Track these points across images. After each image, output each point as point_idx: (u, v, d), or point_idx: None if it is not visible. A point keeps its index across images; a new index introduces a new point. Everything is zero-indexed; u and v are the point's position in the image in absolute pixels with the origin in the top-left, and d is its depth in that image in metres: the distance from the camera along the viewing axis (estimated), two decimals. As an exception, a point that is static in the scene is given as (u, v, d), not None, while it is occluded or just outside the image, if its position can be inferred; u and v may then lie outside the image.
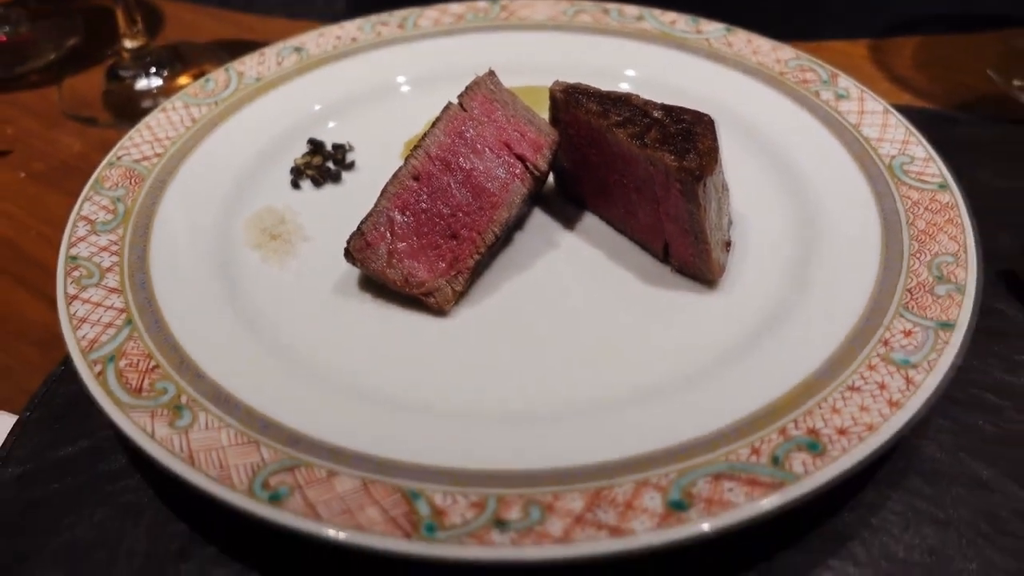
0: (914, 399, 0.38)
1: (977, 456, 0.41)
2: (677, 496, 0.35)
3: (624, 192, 0.49)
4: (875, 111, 0.55)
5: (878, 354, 0.40)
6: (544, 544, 0.33)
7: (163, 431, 0.38)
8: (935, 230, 0.46)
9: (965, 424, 0.42)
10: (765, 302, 0.46)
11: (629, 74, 0.61)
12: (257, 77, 0.61)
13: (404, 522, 0.34)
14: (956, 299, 0.42)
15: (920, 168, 0.50)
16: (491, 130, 0.49)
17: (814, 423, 0.37)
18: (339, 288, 0.48)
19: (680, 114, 0.48)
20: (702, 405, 0.39)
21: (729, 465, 0.36)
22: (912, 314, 0.42)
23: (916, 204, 0.48)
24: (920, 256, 0.45)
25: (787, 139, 0.55)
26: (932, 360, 0.39)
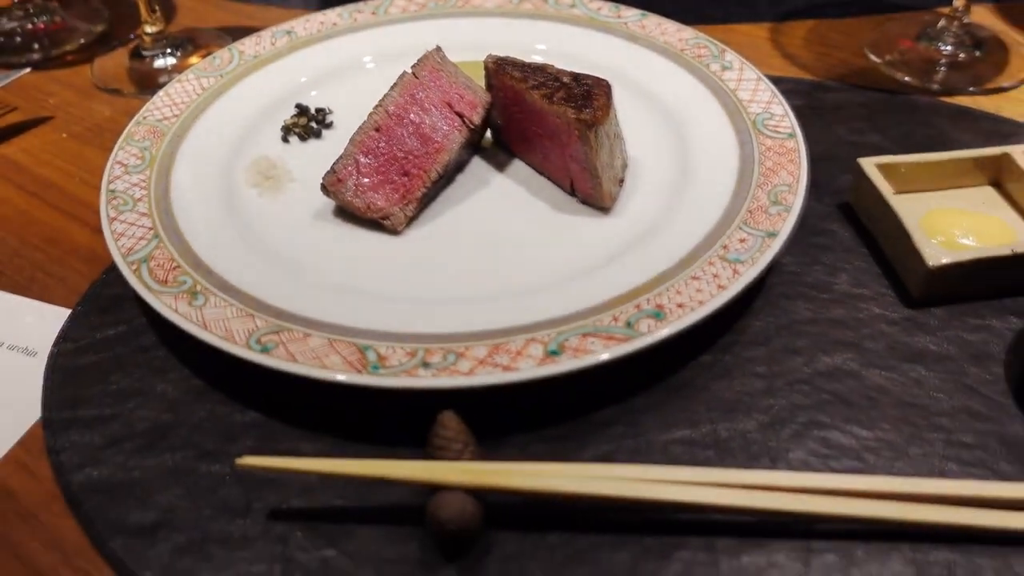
0: (736, 283, 0.51)
1: (795, 332, 0.54)
2: (554, 347, 0.49)
3: (540, 140, 0.63)
4: (750, 79, 0.68)
5: (718, 255, 0.54)
6: (455, 376, 0.47)
7: (184, 308, 0.51)
8: (779, 168, 0.60)
9: (788, 310, 0.56)
10: (644, 223, 0.59)
11: (558, 50, 0.75)
12: (255, 55, 0.75)
13: (357, 364, 0.48)
14: (783, 216, 0.56)
15: (776, 123, 0.64)
16: (436, 93, 0.63)
17: (661, 300, 0.51)
18: (317, 214, 0.62)
19: (584, 79, 0.61)
20: (585, 292, 0.53)
21: (595, 328, 0.50)
22: (748, 227, 0.55)
23: (769, 149, 0.62)
24: (764, 187, 0.58)
25: (679, 102, 0.68)
26: (755, 257, 0.53)
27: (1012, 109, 0.72)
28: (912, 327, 0.54)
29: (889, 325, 0.54)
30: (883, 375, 0.51)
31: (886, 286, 0.57)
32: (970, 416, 0.49)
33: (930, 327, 0.54)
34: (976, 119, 0.71)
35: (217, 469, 0.48)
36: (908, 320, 0.55)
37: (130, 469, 0.48)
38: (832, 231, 0.61)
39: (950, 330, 0.54)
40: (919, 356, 0.52)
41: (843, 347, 0.53)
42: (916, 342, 0.53)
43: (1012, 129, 0.70)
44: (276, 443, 0.49)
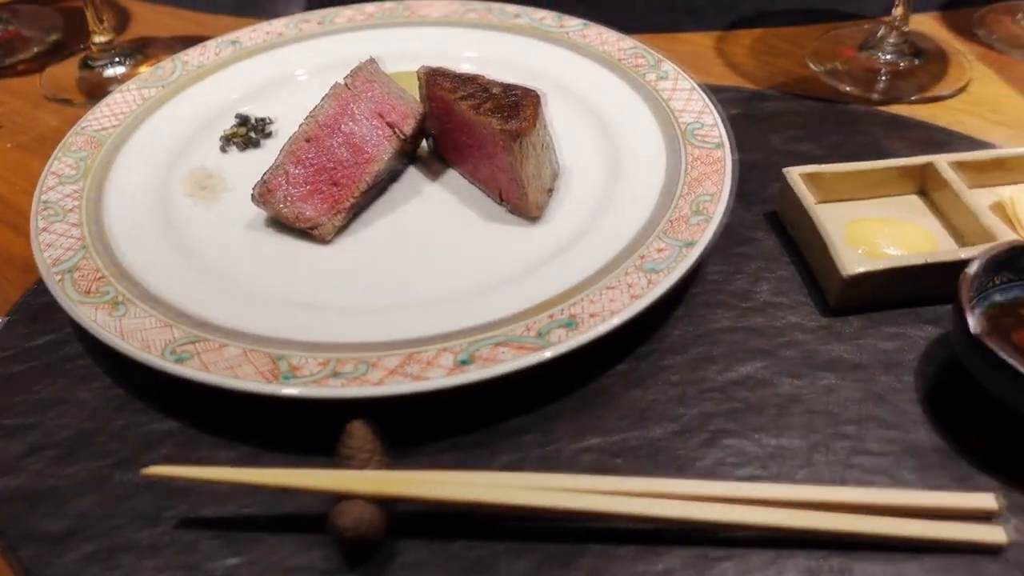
0: (650, 293, 0.52)
1: (712, 341, 0.55)
2: (465, 357, 0.49)
3: (471, 151, 0.63)
4: (684, 88, 0.69)
5: (635, 265, 0.54)
6: (364, 386, 0.48)
7: (104, 318, 0.52)
8: (703, 177, 0.60)
9: (708, 319, 0.56)
10: (569, 232, 0.60)
11: (500, 60, 0.75)
12: (199, 65, 0.75)
13: (269, 374, 0.49)
14: (703, 226, 0.56)
15: (706, 132, 0.64)
16: (368, 103, 0.63)
17: (574, 310, 0.52)
18: (250, 224, 0.62)
19: (513, 90, 0.62)
20: (504, 302, 0.53)
21: (507, 337, 0.50)
22: (668, 237, 0.56)
23: (696, 159, 0.62)
24: (688, 196, 0.59)
25: (613, 111, 0.69)
26: (671, 267, 0.54)
27: (947, 118, 0.73)
28: (828, 336, 0.55)
29: (805, 334, 0.55)
30: (795, 384, 0.52)
31: (806, 295, 0.57)
32: (877, 424, 0.50)
33: (845, 336, 0.55)
34: (910, 128, 0.72)
35: (132, 478, 0.49)
36: (824, 329, 0.55)
37: (47, 477, 0.49)
38: (758, 240, 0.62)
39: (865, 338, 0.54)
40: (832, 365, 0.53)
41: (758, 356, 0.54)
42: (830, 351, 0.54)
43: (944, 138, 0.70)
44: (193, 451, 0.50)
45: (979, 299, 0.52)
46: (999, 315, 0.52)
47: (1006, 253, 0.52)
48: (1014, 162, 0.63)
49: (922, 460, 0.48)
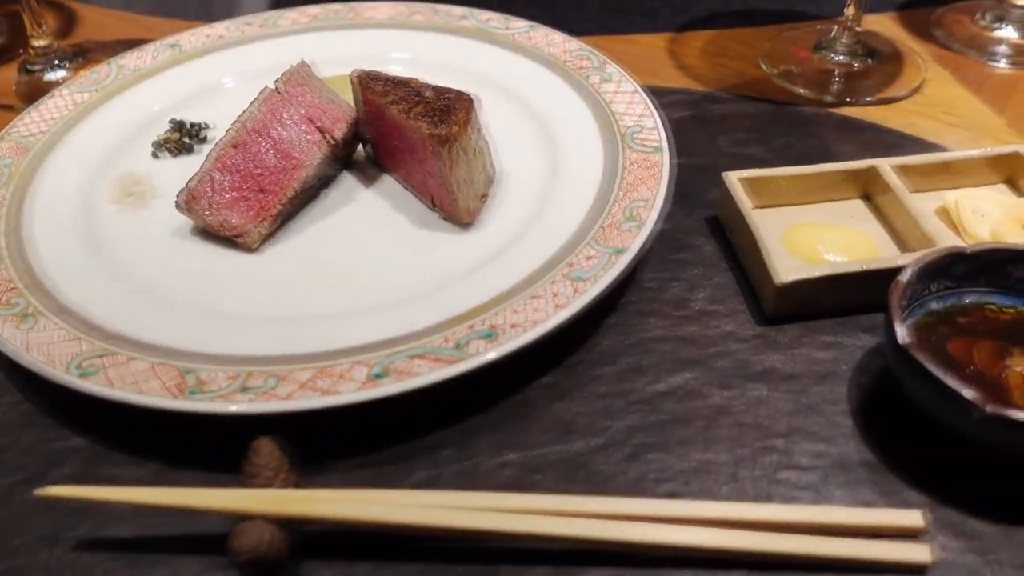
0: (575, 302, 0.50)
1: (643, 351, 0.53)
2: (379, 370, 0.47)
3: (404, 156, 0.62)
4: (627, 91, 0.67)
5: (562, 273, 0.53)
6: (272, 401, 0.46)
7: (10, 331, 0.50)
8: (639, 182, 0.59)
9: (640, 328, 0.55)
10: (501, 240, 0.58)
11: (443, 62, 0.74)
12: (135, 68, 0.74)
13: (175, 389, 0.47)
14: (634, 232, 0.55)
15: (646, 136, 0.63)
16: (298, 108, 0.62)
17: (496, 321, 0.50)
18: (176, 232, 0.60)
19: (446, 94, 0.60)
20: (426, 312, 0.52)
21: (424, 349, 0.49)
22: (599, 244, 0.54)
23: (633, 163, 0.61)
24: (622, 202, 0.58)
25: (555, 114, 0.67)
26: (599, 275, 0.52)
27: (900, 120, 0.72)
28: (762, 345, 0.53)
29: (739, 343, 0.53)
30: (725, 395, 0.50)
31: (742, 303, 0.56)
32: (807, 437, 0.48)
33: (780, 345, 0.53)
34: (861, 130, 0.70)
35: (33, 497, 0.47)
36: (759, 338, 0.54)
37: (-52, 497, 0.47)
38: (698, 246, 0.60)
39: (800, 348, 0.53)
40: (764, 375, 0.51)
41: (689, 366, 0.52)
42: (764, 360, 0.52)
43: (895, 140, 0.69)
44: (100, 469, 0.48)
45: (915, 307, 0.50)
46: (935, 323, 0.50)
47: (941, 260, 0.50)
48: (960, 165, 0.61)
49: (851, 475, 0.46)
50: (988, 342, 0.49)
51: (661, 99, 0.73)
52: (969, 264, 0.51)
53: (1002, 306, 0.51)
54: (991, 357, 0.48)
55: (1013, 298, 0.51)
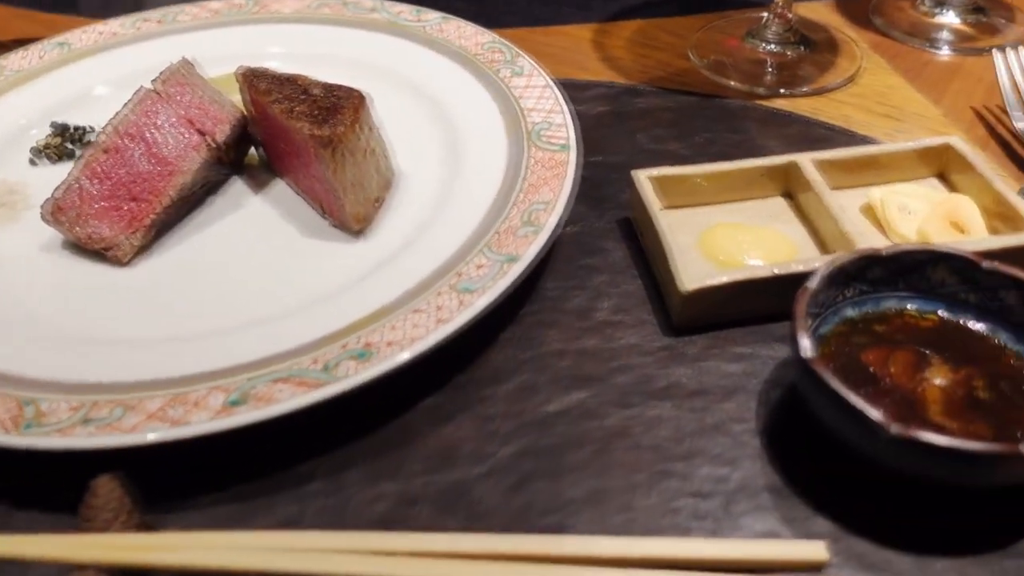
0: (458, 317, 0.46)
1: (539, 367, 0.49)
2: (237, 397, 0.43)
3: (291, 159, 0.57)
4: (538, 85, 0.63)
5: (449, 284, 0.49)
6: (113, 434, 0.42)
7: None
8: (541, 183, 0.55)
9: (538, 341, 0.50)
10: (393, 248, 0.54)
11: (347, 57, 0.69)
12: (17, 69, 0.69)
13: (9, 422, 0.42)
14: (531, 238, 0.50)
15: (553, 133, 0.58)
16: (177, 109, 0.57)
17: (372, 339, 0.46)
18: (45, 246, 0.56)
19: (336, 91, 0.56)
20: (299, 330, 0.47)
21: (289, 372, 0.44)
22: (491, 251, 0.50)
23: (538, 162, 0.56)
24: (521, 205, 0.53)
25: (462, 110, 0.63)
26: (488, 286, 0.48)
27: (830, 111, 0.68)
28: (667, 358, 0.49)
29: (643, 356, 0.49)
30: (623, 414, 0.46)
31: (650, 312, 0.52)
32: (709, 460, 0.44)
33: (687, 358, 0.49)
34: (789, 123, 0.66)
35: None
36: (665, 350, 0.50)
37: None
38: (607, 250, 0.56)
39: (708, 360, 0.49)
40: (668, 391, 0.47)
41: (588, 383, 0.48)
42: (669, 375, 0.48)
43: (824, 133, 0.65)
44: (-66, 511, 0.44)
45: (828, 315, 0.46)
46: (850, 332, 0.46)
47: (854, 263, 0.46)
48: (887, 159, 0.57)
49: (754, 501, 0.42)
50: (906, 352, 0.45)
51: (581, 93, 0.69)
52: (886, 267, 0.47)
53: (923, 312, 0.47)
54: (909, 368, 0.44)
55: (934, 303, 0.47)
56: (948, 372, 0.44)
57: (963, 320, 0.46)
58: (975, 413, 0.42)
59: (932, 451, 0.38)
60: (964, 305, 0.47)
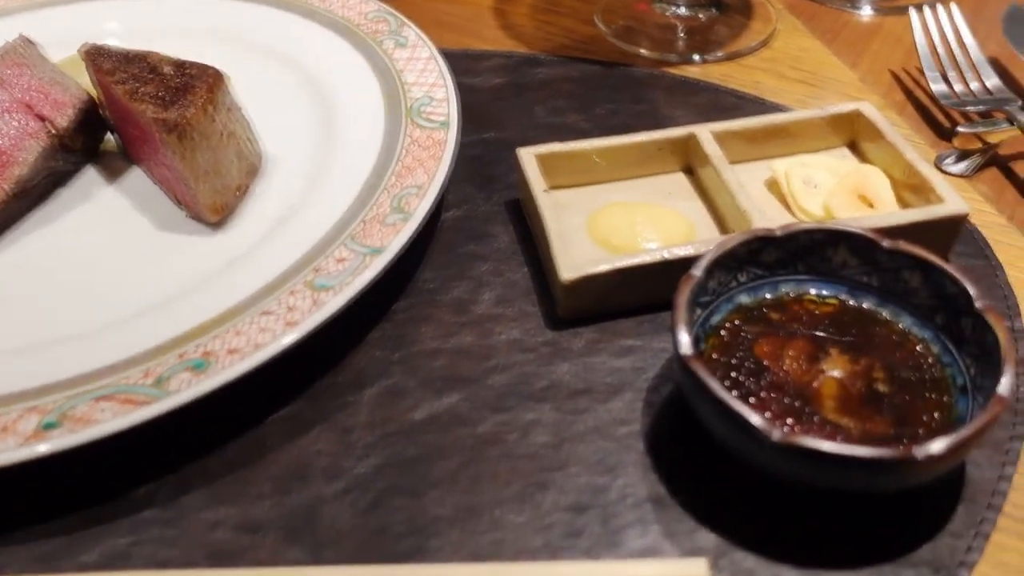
0: (311, 318, 0.41)
1: (409, 369, 0.44)
2: (53, 419, 0.38)
3: (142, 145, 0.52)
4: (421, 57, 0.58)
5: (305, 281, 0.44)
6: None
7: None
8: (417, 164, 0.50)
9: (411, 340, 0.46)
10: (250, 242, 0.49)
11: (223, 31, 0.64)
12: None
13: None
14: (399, 227, 0.46)
15: (433, 108, 0.54)
16: (13, 93, 0.51)
17: (213, 346, 0.41)
18: None
19: (188, 69, 0.51)
20: (134, 338, 0.42)
21: (116, 388, 0.39)
22: (355, 243, 0.45)
23: (415, 142, 0.52)
24: (392, 189, 0.48)
25: (340, 87, 0.58)
26: (346, 282, 0.43)
27: (741, 78, 0.63)
28: (551, 354, 0.45)
29: (524, 353, 0.45)
30: (498, 419, 0.42)
31: (535, 303, 0.47)
32: (589, 469, 0.40)
33: (572, 353, 0.45)
34: (697, 91, 0.62)
35: None
36: (549, 345, 0.45)
37: None
38: (493, 235, 0.52)
39: (594, 356, 0.44)
40: (549, 392, 0.43)
41: (461, 385, 0.43)
42: (551, 373, 0.44)
43: (733, 102, 0.61)
44: None
45: (721, 303, 0.42)
46: (744, 321, 0.42)
47: (745, 246, 0.42)
48: (793, 128, 0.53)
49: (636, 513, 0.38)
50: (802, 341, 0.41)
51: (478, 64, 0.64)
52: (781, 249, 0.43)
53: (823, 296, 0.43)
54: (804, 360, 0.40)
55: (835, 286, 0.43)
56: (847, 363, 0.40)
57: (865, 304, 0.43)
58: (874, 408, 0.38)
59: (819, 458, 0.34)
60: (866, 288, 0.43)
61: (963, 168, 0.54)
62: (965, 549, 0.36)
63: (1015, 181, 0.54)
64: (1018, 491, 0.38)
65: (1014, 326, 0.45)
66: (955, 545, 0.36)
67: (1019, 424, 0.40)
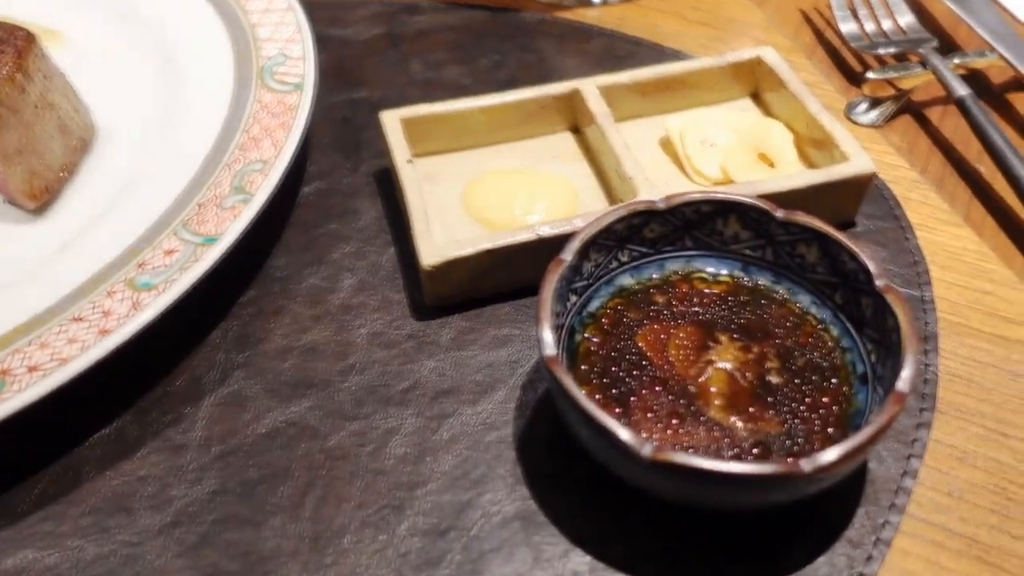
0: (128, 324, 0.36)
1: (253, 373, 0.39)
2: None
3: (-53, 121, 0.45)
4: (279, 8, 0.52)
5: (126, 279, 0.38)
6: None
7: None
8: (264, 135, 0.44)
9: (256, 338, 0.41)
10: (73, 231, 0.43)
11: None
12: None
13: None
14: (237, 210, 0.40)
15: (288, 68, 0.47)
16: None
17: (11, 364, 0.35)
18: None
19: (-9, 31, 0.44)
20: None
21: None
22: (187, 231, 0.40)
23: (264, 107, 0.46)
24: (235, 165, 0.43)
25: (188, 47, 0.52)
26: (172, 279, 0.37)
27: (639, 21, 0.58)
28: (415, 349, 0.40)
29: (386, 349, 0.40)
30: (353, 429, 0.37)
31: (400, 288, 0.42)
32: (453, 485, 0.35)
33: (439, 347, 0.40)
34: (590, 38, 0.56)
35: None
36: (413, 339, 0.40)
37: None
38: (358, 211, 0.46)
39: (463, 349, 0.40)
40: (411, 394, 0.38)
41: (312, 389, 0.38)
42: (414, 372, 0.39)
43: (629, 49, 0.55)
44: None
45: (601, 285, 0.37)
46: (626, 306, 0.37)
47: (623, 221, 0.37)
48: (690, 79, 0.48)
49: (501, 535, 0.34)
50: (690, 328, 0.37)
51: (351, 13, 0.58)
52: (666, 223, 0.38)
53: (713, 274, 0.38)
54: (692, 349, 0.36)
55: (727, 262, 0.39)
56: (737, 351, 0.36)
57: (760, 281, 0.38)
58: (765, 404, 0.34)
59: (694, 476, 0.29)
60: (761, 263, 0.38)
61: (874, 117, 0.50)
62: (865, 559, 0.33)
63: (929, 130, 0.50)
64: (924, 486, 0.35)
65: (923, 296, 0.41)
66: (854, 555, 0.33)
67: (926, 410, 0.37)
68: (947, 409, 0.37)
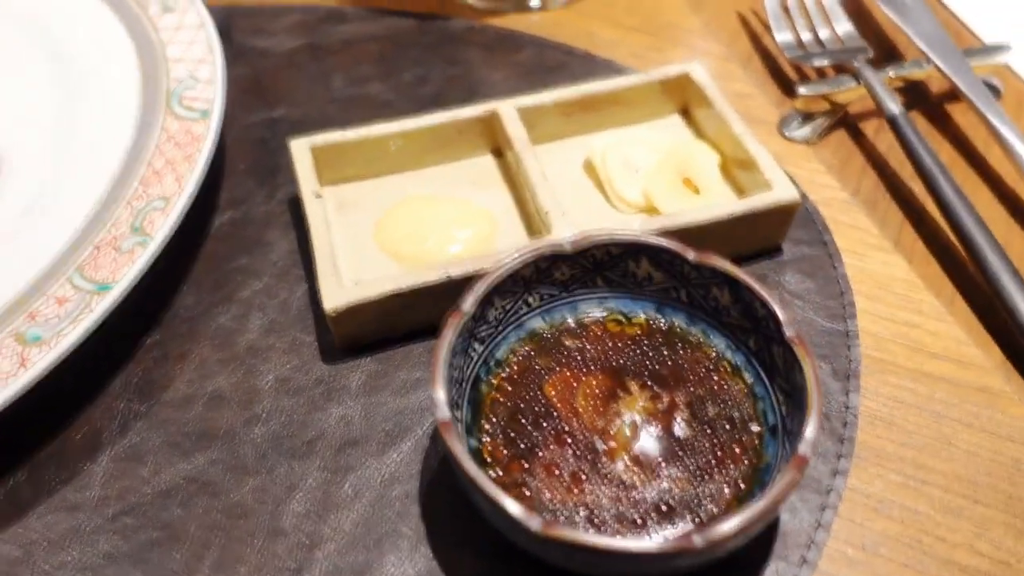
0: (14, 383, 0.34)
1: (153, 425, 0.38)
2: None
3: None
4: (190, 25, 0.50)
5: (15, 333, 0.36)
6: None
7: None
8: (168, 168, 0.42)
9: (158, 386, 0.39)
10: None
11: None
12: None
13: None
14: (135, 254, 0.38)
15: (197, 93, 0.46)
16: None
17: None
18: None
19: None
20: None
21: None
22: (82, 277, 0.38)
23: (171, 137, 0.44)
24: (136, 202, 0.41)
25: (94, 65, 0.49)
26: (63, 332, 0.36)
27: (572, 28, 0.56)
28: (323, 395, 0.38)
29: (293, 396, 0.38)
30: (253, 484, 0.36)
31: (311, 329, 0.41)
32: (348, 548, 0.34)
33: (347, 393, 0.38)
34: (520, 47, 0.55)
35: None
36: (322, 384, 0.39)
37: None
38: (270, 244, 0.44)
39: (373, 395, 0.38)
40: (316, 445, 0.37)
41: (215, 442, 0.37)
42: (320, 421, 0.38)
43: (560, 59, 0.53)
44: None
45: (509, 331, 0.36)
46: (535, 352, 0.36)
47: (529, 267, 0.36)
48: (617, 96, 0.47)
49: (402, 600, 0.32)
50: (600, 376, 0.35)
51: (272, 23, 0.56)
52: (575, 265, 0.36)
53: (629, 316, 0.37)
54: (601, 400, 0.35)
55: (641, 303, 0.37)
56: (647, 402, 0.35)
57: (676, 322, 0.37)
58: (673, 459, 0.33)
59: (586, 551, 0.28)
60: (676, 303, 0.37)
61: (807, 133, 0.48)
62: (773, 620, 0.32)
63: (864, 145, 0.48)
64: (837, 540, 0.34)
65: (848, 330, 0.40)
66: (761, 617, 0.32)
67: (844, 456, 0.36)
68: (866, 454, 0.36)
